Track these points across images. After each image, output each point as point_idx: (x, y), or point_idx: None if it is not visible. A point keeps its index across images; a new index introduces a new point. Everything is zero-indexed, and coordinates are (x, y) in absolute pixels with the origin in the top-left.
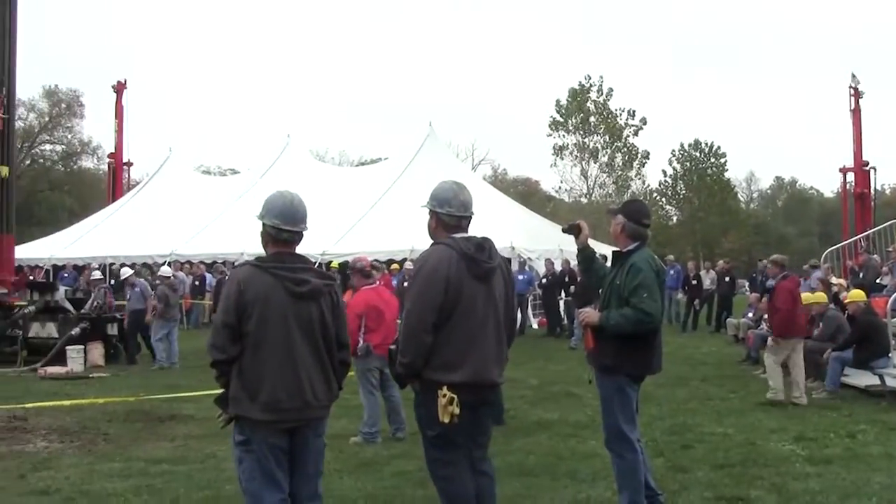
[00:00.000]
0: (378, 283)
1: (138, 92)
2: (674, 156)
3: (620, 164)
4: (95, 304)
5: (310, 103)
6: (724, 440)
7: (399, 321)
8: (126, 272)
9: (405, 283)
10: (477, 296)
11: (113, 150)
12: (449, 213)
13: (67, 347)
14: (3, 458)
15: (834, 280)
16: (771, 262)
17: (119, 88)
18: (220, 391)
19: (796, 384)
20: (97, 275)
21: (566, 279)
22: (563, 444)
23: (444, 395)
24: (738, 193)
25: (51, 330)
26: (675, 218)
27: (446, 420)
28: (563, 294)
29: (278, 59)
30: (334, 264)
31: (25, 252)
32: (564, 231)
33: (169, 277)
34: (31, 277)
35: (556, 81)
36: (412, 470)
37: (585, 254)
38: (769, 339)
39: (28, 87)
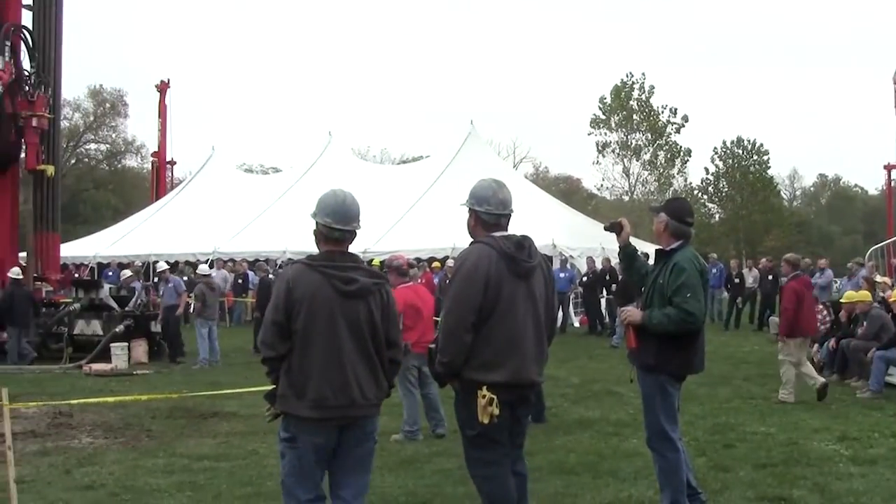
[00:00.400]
0: (420, 280)
1: (181, 91)
2: (716, 153)
3: (663, 161)
4: (139, 301)
5: (352, 101)
6: (766, 439)
7: (437, 319)
8: (161, 267)
9: (447, 281)
10: (517, 295)
11: (156, 149)
12: (488, 212)
13: (112, 345)
14: (49, 453)
15: (878, 278)
16: (784, 261)
17: (162, 88)
18: (265, 387)
19: (789, 381)
20: (126, 273)
21: (607, 277)
22: (605, 442)
23: (484, 396)
24: (780, 191)
25: (95, 327)
26: (717, 216)
27: (486, 420)
28: (604, 292)
29: (320, 57)
30: (375, 262)
31: (71, 250)
32: (606, 229)
33: (207, 276)
34: (76, 275)
35: (598, 79)
36: (453, 468)
37: (627, 251)
38: (777, 338)
39: (73, 87)
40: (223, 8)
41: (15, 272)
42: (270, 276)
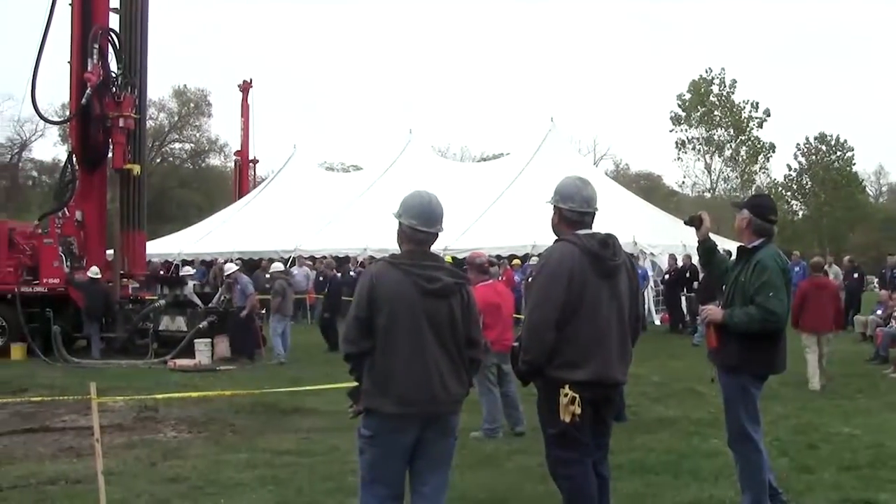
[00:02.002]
0: (500, 278)
1: (264, 90)
2: (798, 149)
3: (744, 157)
4: (223, 298)
5: (432, 99)
6: (850, 441)
7: (518, 317)
8: (230, 268)
9: (529, 279)
10: (601, 293)
11: (239, 148)
12: (572, 209)
13: (196, 340)
14: (134, 446)
15: None
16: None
17: (245, 87)
18: (345, 385)
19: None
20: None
21: (689, 275)
22: (686, 441)
23: (566, 395)
24: (866, 187)
25: (180, 324)
26: (800, 213)
27: (567, 419)
28: (685, 290)
29: (401, 56)
30: (448, 259)
31: (156, 248)
32: (686, 223)
33: (283, 271)
34: (161, 273)
35: (679, 75)
36: (533, 465)
37: (706, 246)
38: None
39: (158, 87)
40: (305, 8)
41: (94, 272)
42: (347, 273)
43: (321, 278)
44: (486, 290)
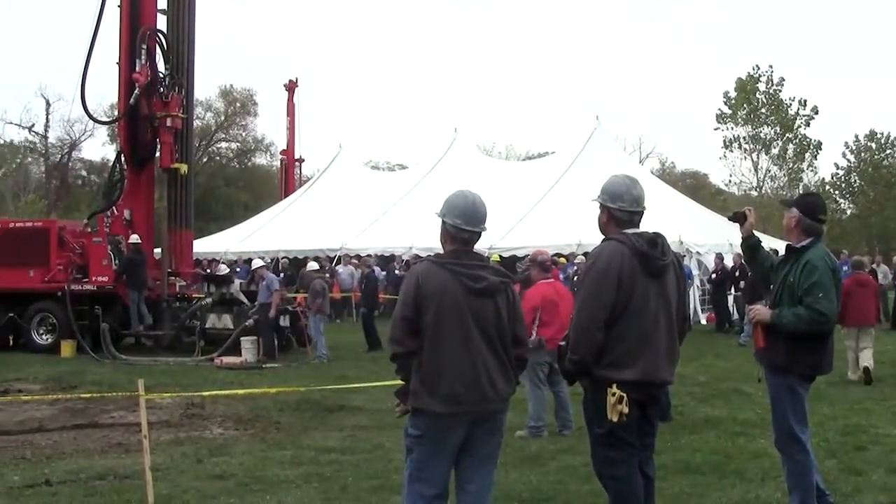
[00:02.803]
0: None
1: (309, 90)
2: (847, 147)
3: (792, 155)
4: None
5: (477, 98)
6: None
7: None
8: (257, 263)
9: (575, 278)
10: (649, 293)
11: (285, 147)
12: (621, 209)
13: (242, 338)
14: (182, 443)
15: None
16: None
17: (290, 87)
18: (390, 382)
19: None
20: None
21: (736, 274)
22: (732, 442)
23: (614, 394)
24: None
25: (226, 321)
26: (848, 211)
27: (615, 418)
28: (734, 289)
29: (447, 54)
30: (494, 258)
31: (203, 246)
32: (730, 219)
33: (317, 271)
34: (208, 271)
35: (725, 72)
36: (578, 465)
37: (750, 243)
38: None
39: (205, 87)
40: (349, 7)
41: (135, 238)
42: (392, 272)
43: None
44: (547, 287)
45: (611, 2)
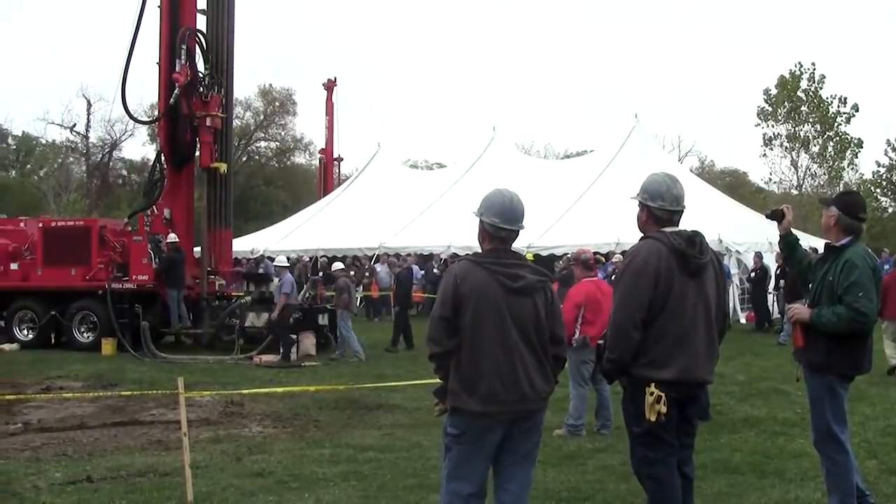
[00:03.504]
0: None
1: (348, 89)
2: (889, 145)
3: (832, 153)
4: (307, 294)
5: (516, 96)
6: None
7: None
8: (281, 261)
9: (613, 277)
10: (687, 292)
11: (324, 146)
12: (662, 208)
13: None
14: (221, 441)
15: None
16: None
17: (329, 86)
18: (428, 381)
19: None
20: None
21: (777, 272)
22: (771, 441)
23: (652, 394)
24: None
25: (265, 320)
26: (890, 209)
27: (653, 418)
28: (772, 288)
29: (485, 53)
30: (529, 256)
31: (242, 245)
32: (767, 216)
33: (343, 270)
34: (261, 268)
35: (764, 70)
36: (616, 464)
37: (788, 240)
38: None
39: (244, 87)
40: (388, 6)
41: (173, 237)
42: (431, 270)
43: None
44: (590, 286)
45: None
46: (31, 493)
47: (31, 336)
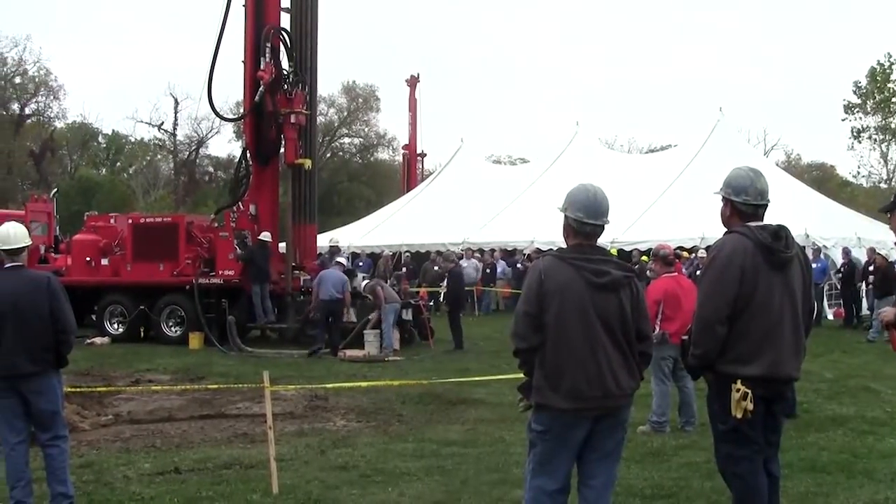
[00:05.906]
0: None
1: (431, 85)
2: None
3: None
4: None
5: (599, 90)
6: None
7: None
8: (343, 258)
9: (697, 272)
10: (773, 287)
11: (407, 142)
12: (746, 202)
13: (365, 332)
14: (306, 434)
15: None
16: None
17: (412, 82)
18: (512, 376)
19: None
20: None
21: (867, 268)
22: (860, 441)
23: (738, 390)
24: None
25: (350, 315)
26: None
27: (739, 415)
28: (862, 284)
29: (568, 48)
30: (613, 251)
31: (326, 241)
32: (881, 210)
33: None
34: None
35: (850, 63)
36: (700, 461)
37: None
38: None
39: (328, 84)
40: (470, 1)
41: (265, 235)
42: (515, 265)
43: (488, 270)
44: (670, 282)
45: None
46: (122, 483)
47: (121, 330)
